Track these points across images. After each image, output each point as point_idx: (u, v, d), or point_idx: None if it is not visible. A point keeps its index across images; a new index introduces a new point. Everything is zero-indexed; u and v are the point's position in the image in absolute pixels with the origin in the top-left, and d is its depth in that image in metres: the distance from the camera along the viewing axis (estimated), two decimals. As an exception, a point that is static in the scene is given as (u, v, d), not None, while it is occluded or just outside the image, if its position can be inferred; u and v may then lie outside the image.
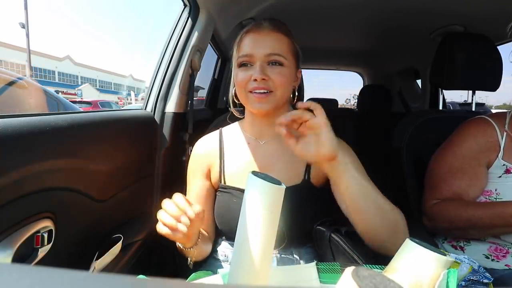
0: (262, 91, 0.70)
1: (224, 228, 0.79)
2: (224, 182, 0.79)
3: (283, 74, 0.71)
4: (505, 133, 0.88)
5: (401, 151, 1.14)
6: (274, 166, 0.77)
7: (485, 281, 0.50)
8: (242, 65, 0.74)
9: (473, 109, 1.30)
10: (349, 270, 0.25)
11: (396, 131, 1.21)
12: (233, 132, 0.85)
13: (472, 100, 1.32)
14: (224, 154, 0.81)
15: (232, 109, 0.83)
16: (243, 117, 0.85)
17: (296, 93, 0.80)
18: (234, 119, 0.88)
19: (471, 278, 0.51)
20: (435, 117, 1.17)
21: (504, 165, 0.86)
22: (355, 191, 0.61)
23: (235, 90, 0.77)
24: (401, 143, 1.15)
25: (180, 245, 0.67)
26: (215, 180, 0.82)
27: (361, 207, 0.62)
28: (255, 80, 0.70)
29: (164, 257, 1.00)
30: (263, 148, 0.79)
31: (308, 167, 0.77)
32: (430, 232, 0.97)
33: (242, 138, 0.82)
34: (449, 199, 0.89)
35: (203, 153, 0.83)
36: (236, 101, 0.79)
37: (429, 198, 0.94)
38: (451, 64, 1.16)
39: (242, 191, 0.63)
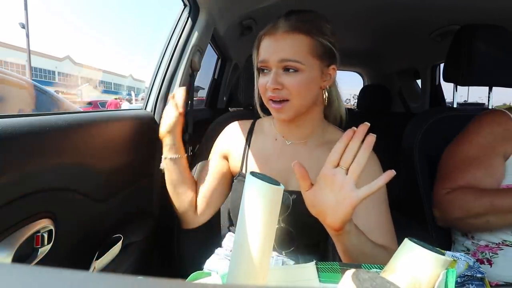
0: (277, 99, 0.68)
1: (236, 220, 0.76)
2: (245, 171, 0.78)
3: (299, 80, 0.66)
4: None
5: (413, 151, 1.08)
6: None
7: (479, 275, 0.51)
8: (261, 70, 0.71)
9: (490, 107, 1.21)
10: (349, 272, 0.25)
11: (408, 130, 1.14)
12: (265, 124, 0.84)
13: (488, 98, 1.22)
14: (251, 143, 0.80)
15: (258, 109, 0.83)
16: None
17: (327, 94, 0.75)
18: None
19: (467, 274, 0.51)
20: (449, 116, 1.11)
21: None
22: (350, 253, 0.57)
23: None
24: (413, 143, 1.08)
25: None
26: (234, 165, 0.81)
27: (352, 259, 0.58)
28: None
29: (164, 257, 1.00)
30: (288, 149, 0.77)
31: None
32: (443, 225, 0.92)
33: (271, 133, 0.81)
34: (464, 187, 0.84)
35: (230, 136, 0.83)
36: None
37: (440, 188, 0.89)
38: (468, 58, 1.06)
39: None
